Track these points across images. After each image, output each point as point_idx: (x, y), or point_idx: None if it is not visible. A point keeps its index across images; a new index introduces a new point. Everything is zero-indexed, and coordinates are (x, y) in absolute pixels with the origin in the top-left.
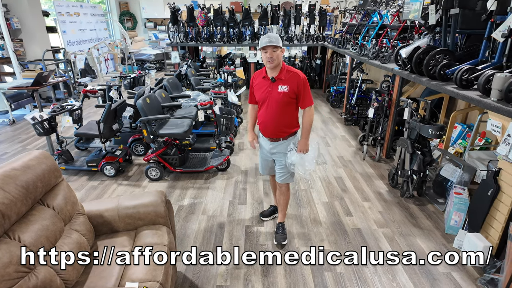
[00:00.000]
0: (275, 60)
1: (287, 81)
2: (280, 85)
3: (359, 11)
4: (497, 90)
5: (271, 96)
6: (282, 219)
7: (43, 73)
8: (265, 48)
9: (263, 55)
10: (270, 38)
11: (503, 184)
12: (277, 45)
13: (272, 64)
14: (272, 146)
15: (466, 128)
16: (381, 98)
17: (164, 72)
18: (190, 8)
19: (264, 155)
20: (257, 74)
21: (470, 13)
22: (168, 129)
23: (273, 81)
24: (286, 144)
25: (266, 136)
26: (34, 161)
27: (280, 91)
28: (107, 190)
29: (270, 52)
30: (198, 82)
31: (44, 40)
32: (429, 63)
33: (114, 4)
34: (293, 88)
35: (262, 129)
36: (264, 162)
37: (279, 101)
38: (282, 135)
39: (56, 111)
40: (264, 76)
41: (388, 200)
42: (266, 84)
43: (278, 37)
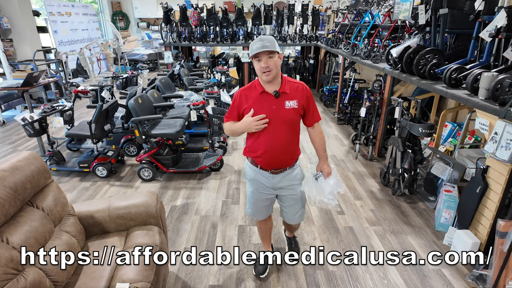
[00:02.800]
0: (272, 70)
1: (294, 95)
2: (287, 101)
3: (351, 11)
4: (484, 89)
5: (276, 115)
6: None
7: (34, 74)
8: (258, 56)
9: (256, 64)
10: (263, 42)
11: (491, 182)
12: (273, 50)
13: (269, 76)
14: (278, 179)
15: (456, 126)
16: (373, 98)
17: (157, 72)
18: (183, 8)
19: (260, 194)
20: (248, 89)
21: (458, 13)
22: (160, 129)
23: (277, 96)
24: (294, 172)
25: (269, 168)
26: (23, 162)
27: (289, 108)
28: (99, 191)
29: (265, 61)
30: (191, 82)
31: (34, 40)
32: (419, 63)
33: (106, 4)
34: (301, 102)
35: (264, 161)
36: (262, 203)
37: (288, 120)
38: (290, 163)
39: (47, 111)
40: (261, 91)
41: (379, 198)
42: (267, 100)
43: (273, 39)
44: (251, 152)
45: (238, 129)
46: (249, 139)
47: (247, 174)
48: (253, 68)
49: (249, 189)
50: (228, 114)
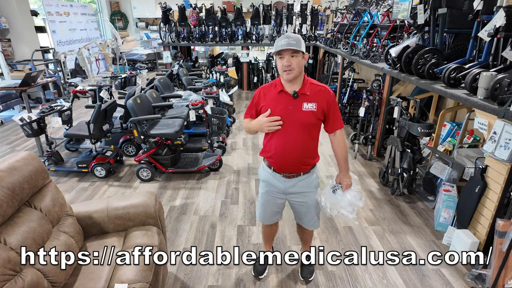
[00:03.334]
0: (294, 69)
1: (314, 98)
2: (305, 103)
3: (350, 10)
4: (483, 89)
5: (292, 116)
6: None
7: (32, 74)
8: (281, 53)
9: (279, 62)
10: (288, 40)
11: (490, 181)
12: (298, 49)
13: (290, 75)
14: (290, 184)
15: (455, 126)
16: (372, 97)
17: (155, 72)
18: (182, 7)
19: (271, 197)
20: (268, 87)
21: (457, 12)
22: (159, 129)
23: (295, 96)
24: (309, 179)
25: (282, 171)
26: (21, 163)
27: (306, 110)
28: (98, 191)
29: (288, 59)
30: (190, 82)
31: (33, 40)
32: (418, 62)
33: (105, 4)
34: (322, 106)
35: (276, 163)
36: (271, 206)
37: (304, 123)
38: (305, 169)
39: (45, 112)
40: (280, 90)
41: (379, 198)
42: (285, 100)
43: (300, 38)
44: (265, 151)
45: (252, 127)
46: (265, 138)
47: (260, 174)
48: (252, 68)
49: (260, 190)
50: (247, 110)
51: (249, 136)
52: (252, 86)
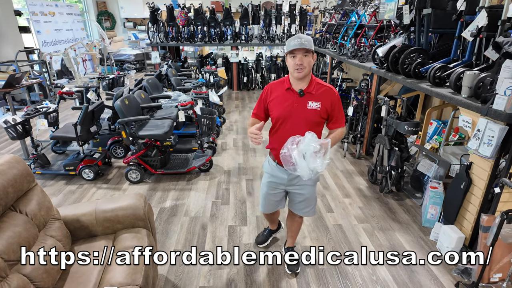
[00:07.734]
0: (305, 67)
1: (319, 97)
2: (310, 101)
3: (338, 11)
4: (467, 87)
5: (297, 113)
6: (292, 244)
7: (16, 75)
8: (294, 52)
9: (290, 60)
10: (301, 40)
11: (474, 177)
12: (309, 49)
13: (301, 73)
14: (292, 176)
15: (441, 124)
16: (360, 97)
17: (144, 73)
18: (170, 7)
19: (272, 188)
20: (276, 84)
21: (441, 13)
22: (148, 130)
23: (301, 94)
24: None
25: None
26: (5, 166)
27: (310, 108)
28: (86, 194)
29: (300, 58)
30: (179, 82)
31: (17, 40)
32: (404, 62)
33: (92, 4)
34: (325, 106)
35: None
36: (272, 197)
37: (308, 120)
38: None
39: (30, 114)
40: (288, 87)
41: (368, 195)
42: (291, 98)
43: (311, 39)
44: (269, 144)
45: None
46: (270, 132)
47: (265, 166)
48: (241, 68)
49: (262, 181)
50: (255, 108)
51: (239, 136)
52: (242, 86)
